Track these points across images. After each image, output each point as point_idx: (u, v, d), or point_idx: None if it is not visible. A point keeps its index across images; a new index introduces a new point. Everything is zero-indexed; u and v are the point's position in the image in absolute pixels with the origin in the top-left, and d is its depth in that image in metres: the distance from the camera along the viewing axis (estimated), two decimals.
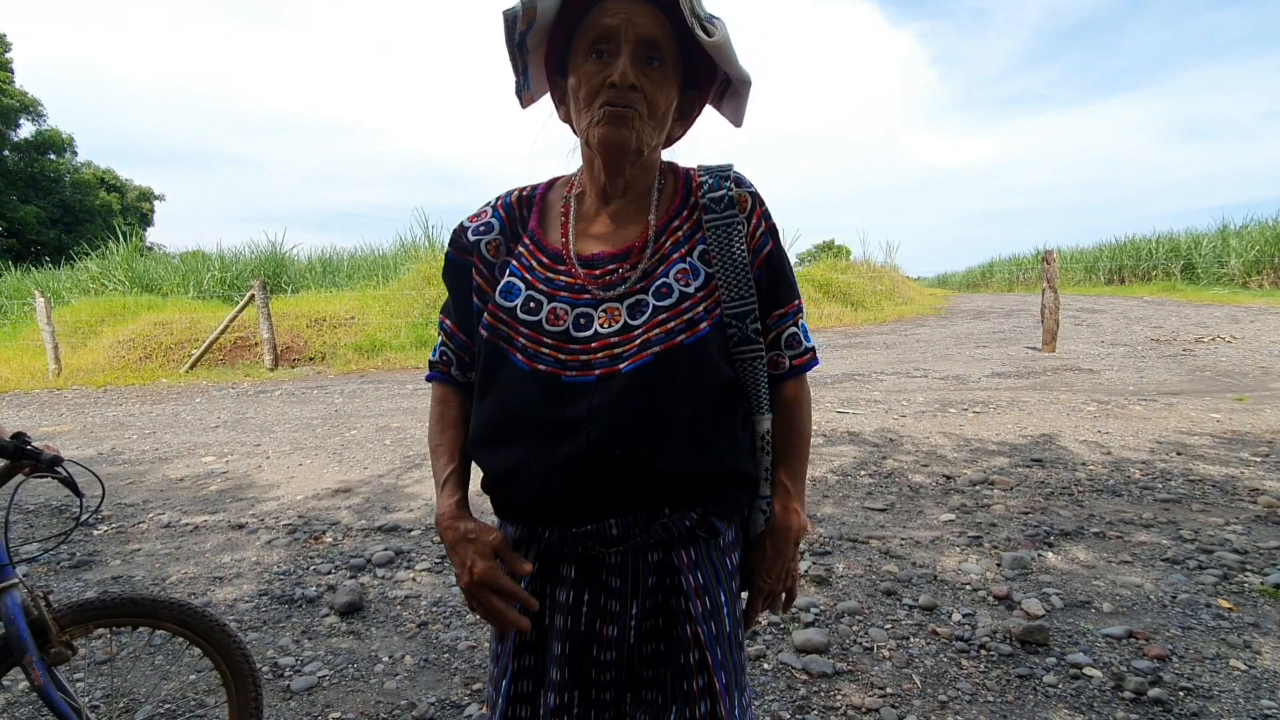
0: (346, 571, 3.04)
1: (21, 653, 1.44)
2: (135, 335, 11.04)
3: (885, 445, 4.75)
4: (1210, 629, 2.31)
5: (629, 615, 0.94)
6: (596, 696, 0.96)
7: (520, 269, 0.96)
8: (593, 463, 0.87)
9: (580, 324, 0.91)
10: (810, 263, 24.55)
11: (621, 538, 0.91)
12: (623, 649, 0.95)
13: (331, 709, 2.10)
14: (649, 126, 0.90)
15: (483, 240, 1.00)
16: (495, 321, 0.94)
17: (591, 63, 0.89)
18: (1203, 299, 16.16)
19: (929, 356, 9.26)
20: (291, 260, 16.55)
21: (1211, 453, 4.25)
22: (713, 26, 0.86)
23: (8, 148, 31.03)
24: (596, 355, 0.89)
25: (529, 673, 0.98)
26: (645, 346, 0.88)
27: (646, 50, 0.88)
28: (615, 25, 0.87)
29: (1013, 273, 30.09)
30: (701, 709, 0.94)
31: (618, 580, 0.94)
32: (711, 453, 0.91)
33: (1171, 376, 6.88)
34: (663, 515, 0.91)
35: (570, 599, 0.95)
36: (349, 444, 5.41)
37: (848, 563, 2.92)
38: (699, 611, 0.94)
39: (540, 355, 0.91)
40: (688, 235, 0.95)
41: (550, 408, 0.89)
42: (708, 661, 0.94)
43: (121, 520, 3.82)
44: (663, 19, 0.88)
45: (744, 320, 0.94)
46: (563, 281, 0.94)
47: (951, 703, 2.00)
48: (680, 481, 0.90)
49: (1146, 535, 3.08)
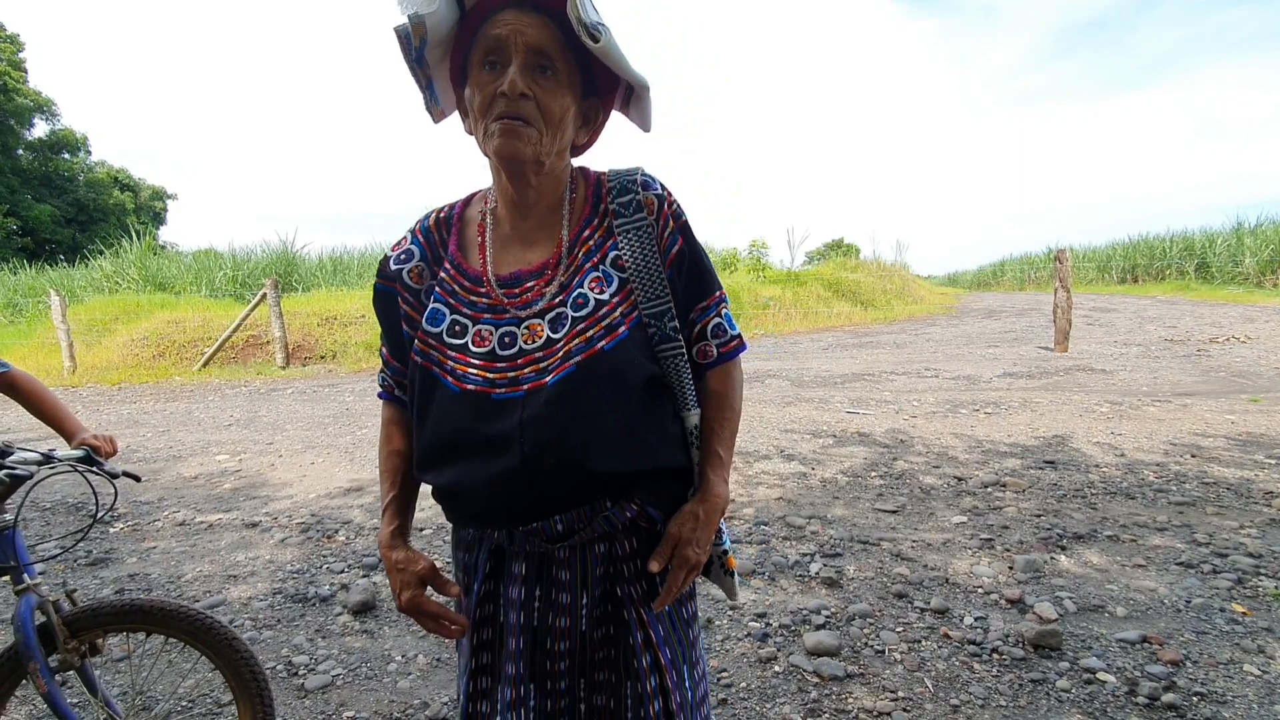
0: (359, 570, 3.07)
1: (27, 659, 1.45)
2: (149, 333, 11.15)
3: (896, 446, 4.74)
4: (1225, 634, 2.30)
5: (580, 605, 0.99)
6: (552, 686, 1.01)
7: (444, 294, 0.99)
8: (528, 472, 0.90)
9: (505, 343, 0.94)
10: (819, 261, 24.48)
11: (567, 533, 0.96)
12: (575, 637, 1.00)
13: (346, 708, 2.12)
14: (546, 135, 0.92)
15: (404, 269, 1.02)
16: (425, 347, 0.97)
17: (484, 73, 0.91)
18: (1217, 298, 16.00)
19: (939, 356, 9.21)
20: (302, 259, 16.65)
21: (1226, 455, 4.22)
22: (598, 32, 0.87)
23: (22, 147, 31.36)
24: (523, 371, 0.92)
25: (486, 669, 1.03)
26: (568, 357, 0.91)
27: (537, 59, 0.90)
28: (504, 35, 0.89)
29: (1024, 271, 29.89)
30: (651, 683, 0.99)
31: (567, 574, 0.99)
32: (643, 450, 0.96)
33: (1186, 377, 6.82)
34: (604, 509, 0.96)
35: (523, 595, 0.99)
36: (360, 443, 5.45)
37: (859, 565, 2.92)
38: (641, 595, 1.00)
39: (469, 376, 0.94)
40: (599, 243, 0.98)
41: (483, 424, 0.92)
42: (652, 639, 1.00)
43: (137, 518, 3.87)
44: (553, 28, 0.90)
45: (662, 319, 0.97)
46: (484, 304, 0.97)
47: (964, 707, 1.99)
48: (614, 480, 0.95)
49: (1160, 539, 3.06)
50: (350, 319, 11.48)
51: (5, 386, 1.61)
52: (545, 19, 0.90)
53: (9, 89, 28.75)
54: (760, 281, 16.49)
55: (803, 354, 10.01)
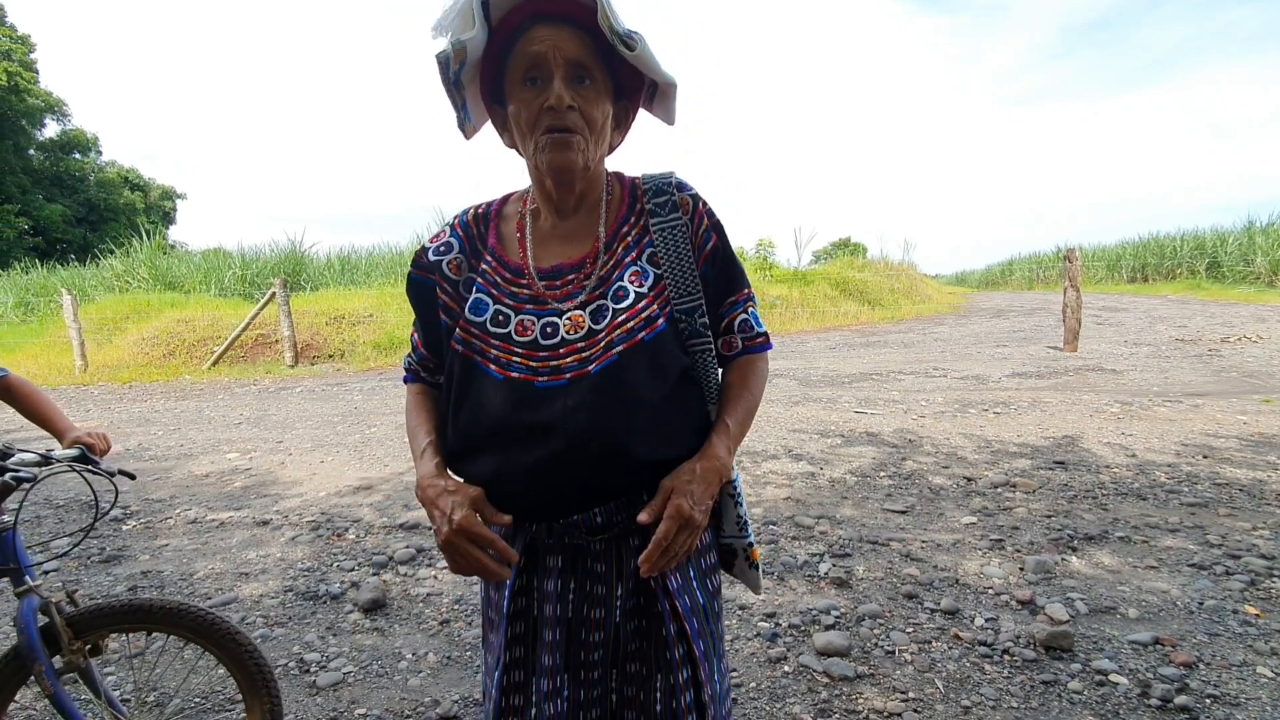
0: (369, 569, 3.08)
1: (32, 661, 1.44)
2: (159, 332, 11.22)
3: (904, 446, 4.73)
4: (1237, 636, 2.28)
5: (614, 597, 1.00)
6: (585, 677, 1.02)
7: (486, 285, 1.01)
8: (571, 458, 0.92)
9: (547, 333, 0.97)
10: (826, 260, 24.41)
11: (605, 525, 0.98)
12: (609, 629, 1.01)
13: (357, 705, 2.13)
14: (591, 142, 0.96)
15: (444, 260, 1.05)
16: (468, 336, 0.99)
17: (527, 90, 0.94)
18: (1228, 298, 15.88)
19: (948, 356, 9.18)
20: (311, 259, 16.74)
21: (1238, 455, 4.19)
22: (632, 41, 0.90)
23: (34, 147, 31.61)
24: (566, 360, 0.95)
25: (520, 663, 1.03)
26: (609, 347, 0.94)
27: (576, 71, 0.93)
28: (543, 52, 0.92)
29: (1032, 271, 29.74)
30: (684, 675, 1.01)
31: (602, 566, 1.00)
32: (678, 439, 0.99)
33: (1197, 377, 6.77)
34: (642, 501, 0.97)
35: (558, 587, 1.00)
36: (369, 441, 5.47)
37: (868, 565, 2.91)
38: (676, 586, 1.01)
39: (513, 364, 0.96)
40: (636, 240, 1.02)
41: (526, 413, 0.94)
42: (686, 631, 1.01)
43: (149, 515, 3.90)
44: (586, 39, 0.93)
45: (692, 315, 1.01)
46: (525, 294, 1.00)
47: (975, 708, 1.99)
48: (652, 469, 0.96)
49: (1172, 540, 3.04)
50: (358, 318, 11.53)
51: (2, 391, 1.60)
52: (578, 30, 0.93)
53: (20, 90, 28.99)
54: (767, 281, 16.47)
55: (810, 353, 9.99)
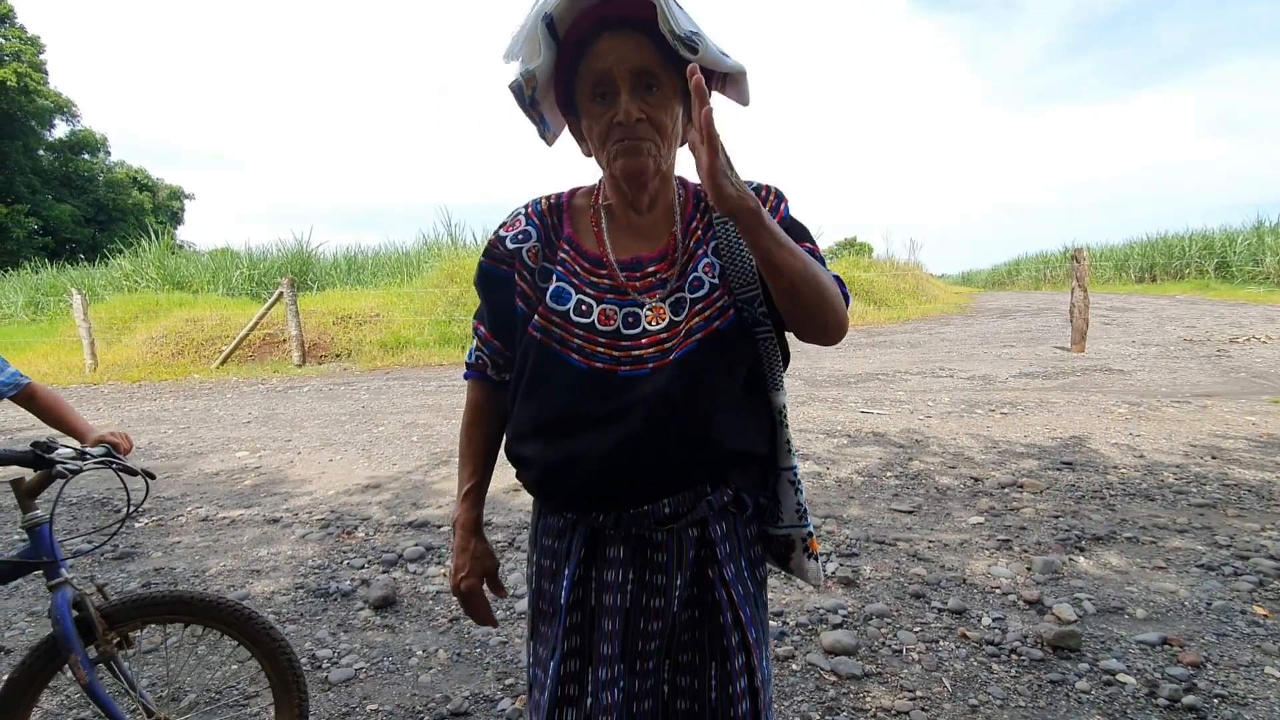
0: (379, 566, 3.11)
1: (68, 651, 1.47)
2: (168, 331, 11.29)
3: (911, 446, 4.73)
4: (1245, 636, 2.28)
5: (674, 587, 1.02)
6: (640, 666, 1.04)
7: (566, 274, 1.02)
8: (649, 441, 0.94)
9: (629, 323, 0.99)
10: (832, 260, 24.37)
11: (673, 516, 0.99)
12: (667, 618, 1.03)
13: (369, 701, 2.15)
14: (663, 146, 0.97)
15: (523, 248, 1.05)
16: (548, 324, 1.00)
17: (597, 105, 0.96)
18: (1237, 298, 15.78)
19: (954, 356, 9.16)
20: (318, 258, 16.78)
21: (1247, 456, 4.18)
22: (694, 42, 0.90)
23: (43, 148, 31.82)
24: (648, 350, 0.97)
25: (577, 652, 1.05)
26: (689, 335, 0.97)
27: (643, 80, 0.94)
28: (608, 68, 0.93)
29: (1040, 270, 29.60)
30: (739, 662, 1.04)
31: (664, 555, 1.02)
32: (750, 429, 1.02)
33: (1205, 378, 6.75)
34: (706, 493, 1.00)
35: (619, 577, 1.02)
36: (377, 440, 5.50)
37: (875, 564, 2.92)
38: (732, 575, 1.05)
39: (597, 354, 0.98)
40: (704, 233, 1.04)
41: (606, 401, 0.96)
42: (741, 619, 1.04)
43: (161, 513, 3.93)
44: (649, 44, 0.94)
45: (752, 305, 1.01)
46: (606, 285, 1.01)
47: (982, 707, 2.00)
48: (724, 458, 0.99)
49: (1181, 540, 3.04)
50: (365, 317, 11.57)
51: (26, 399, 1.63)
52: (641, 36, 0.93)
53: (30, 91, 29.17)
54: None
55: (816, 353, 9.98)
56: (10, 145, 28.88)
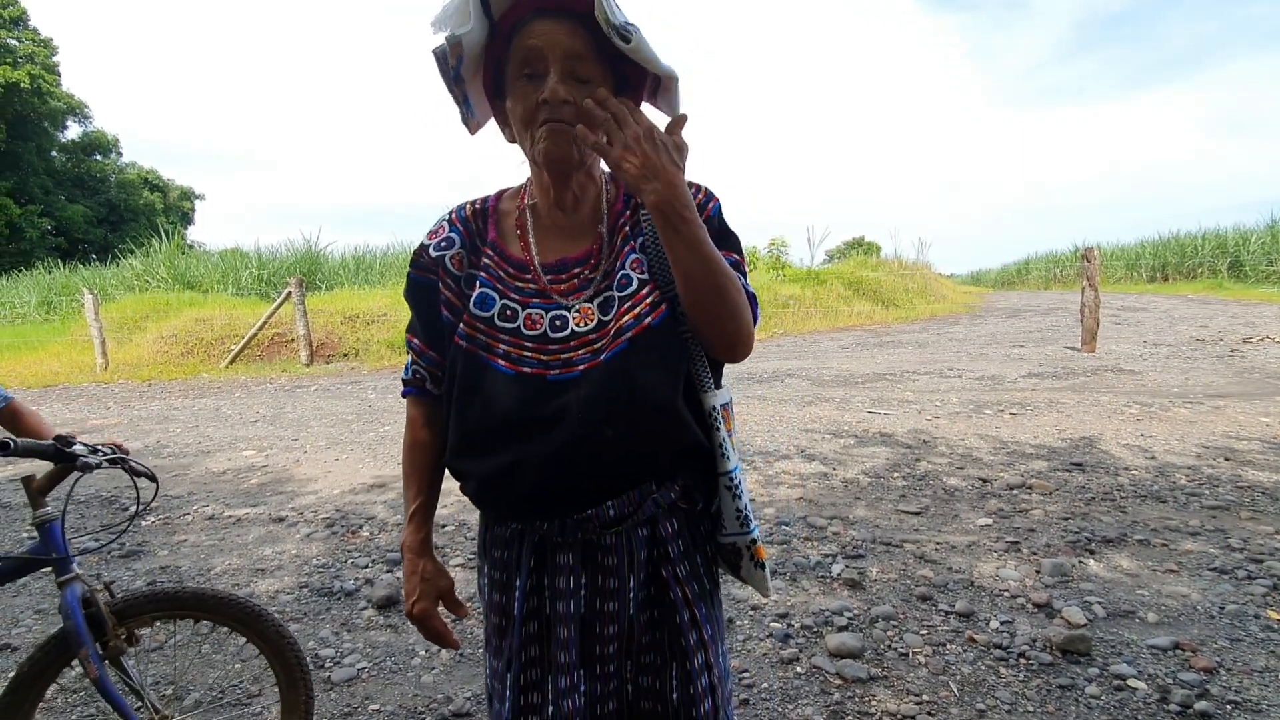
0: (383, 566, 3.10)
1: (79, 646, 1.48)
2: (177, 331, 11.37)
3: (919, 447, 4.69)
4: (1259, 641, 2.24)
5: (628, 590, 1.00)
6: (601, 670, 1.02)
7: (490, 279, 1.00)
8: (586, 446, 0.92)
9: (556, 326, 0.97)
10: (839, 260, 24.28)
11: (618, 518, 0.97)
12: (623, 621, 1.01)
13: (371, 700, 2.15)
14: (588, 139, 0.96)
15: (446, 255, 1.04)
16: (473, 331, 0.98)
17: (524, 84, 0.94)
18: (1250, 297, 15.62)
19: (963, 356, 9.10)
20: (326, 258, 16.88)
21: (1261, 458, 4.12)
22: (628, 32, 0.89)
23: (56, 149, 32.13)
24: (577, 353, 0.95)
25: (536, 661, 1.03)
26: (619, 334, 0.94)
27: (573, 65, 0.93)
28: (539, 46, 0.92)
29: (1049, 270, 29.41)
30: (699, 659, 1.03)
31: (614, 559, 1.00)
32: (685, 426, 0.98)
33: (1218, 378, 6.67)
34: (652, 492, 0.98)
35: (571, 584, 1.00)
36: (383, 439, 5.51)
37: (881, 566, 2.89)
38: (686, 573, 1.03)
39: (524, 359, 0.96)
40: (632, 229, 1.02)
41: (538, 406, 0.94)
42: (696, 617, 1.03)
43: (167, 512, 3.95)
44: (583, 32, 0.92)
45: (676, 302, 0.98)
46: (531, 289, 0.99)
47: (990, 712, 1.97)
48: (665, 455, 0.98)
49: (1193, 543, 2.99)
50: (373, 317, 11.62)
51: (9, 417, 1.62)
52: (575, 24, 0.92)
53: (43, 92, 29.46)
54: (780, 280, 16.40)
55: (823, 353, 9.94)
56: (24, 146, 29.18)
